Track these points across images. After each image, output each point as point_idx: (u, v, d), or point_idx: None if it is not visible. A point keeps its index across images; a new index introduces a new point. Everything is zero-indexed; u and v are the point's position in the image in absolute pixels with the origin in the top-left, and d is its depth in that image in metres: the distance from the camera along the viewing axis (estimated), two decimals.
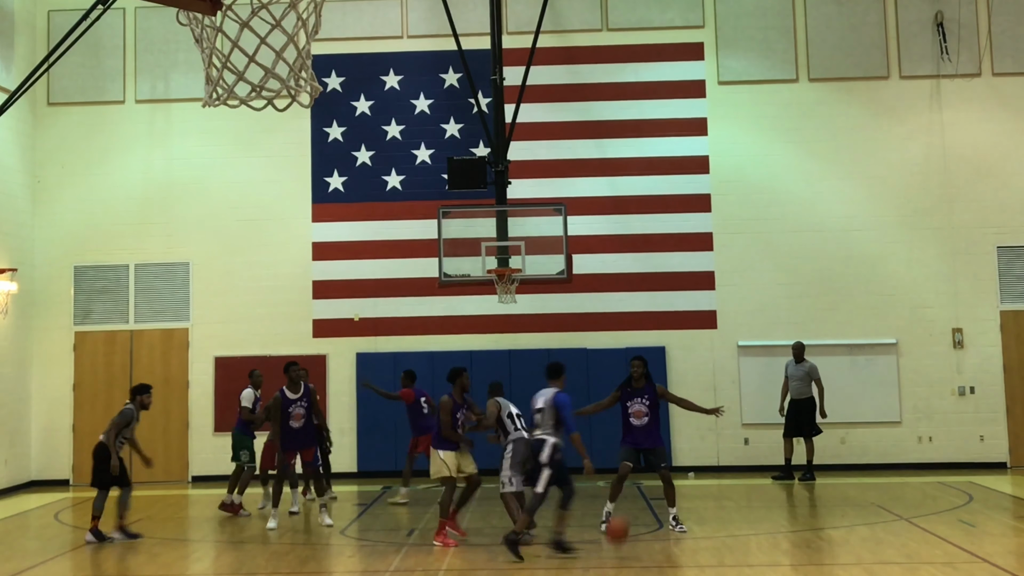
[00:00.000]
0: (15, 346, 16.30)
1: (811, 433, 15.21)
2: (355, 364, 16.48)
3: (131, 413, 11.45)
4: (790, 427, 15.28)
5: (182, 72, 17.19)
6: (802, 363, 15.36)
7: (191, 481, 16.55)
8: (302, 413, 12.09)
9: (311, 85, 7.97)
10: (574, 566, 9.59)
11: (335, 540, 11.48)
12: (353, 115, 17.20)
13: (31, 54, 16.95)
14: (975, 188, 16.69)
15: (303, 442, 12.17)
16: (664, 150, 16.95)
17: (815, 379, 15.20)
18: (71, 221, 17.08)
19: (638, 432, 11.38)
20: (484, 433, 11.20)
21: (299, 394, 12.10)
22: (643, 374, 11.45)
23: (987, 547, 9.94)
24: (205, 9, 7.79)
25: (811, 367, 15.29)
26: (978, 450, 16.22)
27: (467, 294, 16.15)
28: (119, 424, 11.37)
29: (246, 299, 16.88)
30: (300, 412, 12.06)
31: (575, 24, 17.21)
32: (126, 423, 11.40)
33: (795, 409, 15.26)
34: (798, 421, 15.20)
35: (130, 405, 11.51)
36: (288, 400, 12.02)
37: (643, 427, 11.36)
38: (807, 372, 15.26)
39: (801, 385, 15.25)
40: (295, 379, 12.14)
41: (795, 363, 15.39)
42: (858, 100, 16.97)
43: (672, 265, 16.78)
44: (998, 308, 16.52)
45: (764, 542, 10.53)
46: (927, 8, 16.94)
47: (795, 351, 15.46)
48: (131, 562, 10.33)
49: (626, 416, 11.43)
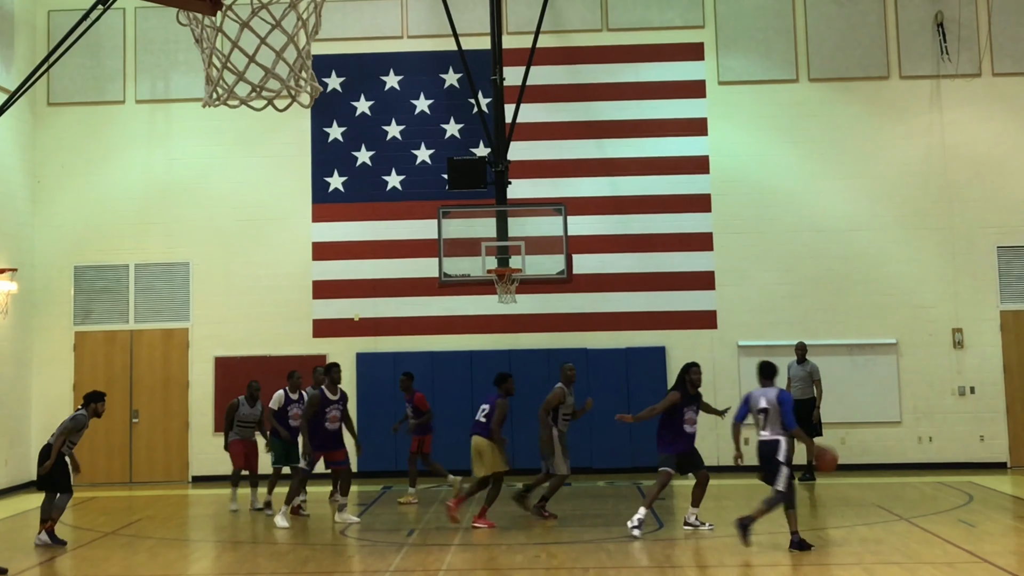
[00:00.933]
0: (15, 346, 16.30)
1: (811, 433, 15.20)
2: (355, 364, 16.48)
3: (83, 420, 11.21)
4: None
5: (182, 72, 17.19)
6: (804, 363, 15.36)
7: (191, 481, 16.55)
8: (338, 415, 12.16)
9: (311, 85, 7.97)
10: (575, 566, 9.59)
11: (335, 540, 11.49)
12: (353, 115, 17.20)
13: (31, 54, 16.95)
14: (975, 188, 16.69)
15: (335, 443, 12.22)
16: (664, 150, 16.95)
17: (815, 380, 15.20)
18: (71, 221, 17.08)
19: (688, 439, 11.30)
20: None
21: (337, 396, 12.17)
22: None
23: (987, 547, 9.94)
24: (205, 9, 7.79)
25: (812, 368, 15.28)
26: (978, 450, 16.23)
27: (467, 294, 16.16)
28: (69, 429, 11.13)
29: (246, 299, 16.88)
30: (336, 414, 12.13)
31: (575, 24, 17.22)
32: (77, 429, 11.18)
33: (798, 409, 15.24)
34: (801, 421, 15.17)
35: (83, 411, 11.26)
36: (327, 400, 12.08)
37: (693, 434, 11.34)
38: (809, 373, 15.26)
39: (803, 385, 15.26)
40: (336, 381, 12.22)
41: (797, 363, 15.40)
42: (858, 100, 16.97)
43: (672, 265, 16.78)
44: (998, 308, 16.52)
45: (764, 542, 10.52)
46: (927, 8, 16.94)
47: (797, 351, 15.46)
48: (131, 562, 10.33)
49: (680, 423, 11.22)
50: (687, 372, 11.36)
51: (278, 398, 13.19)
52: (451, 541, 10.97)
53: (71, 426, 11.15)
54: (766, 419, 10.08)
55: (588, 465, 16.27)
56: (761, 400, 10.18)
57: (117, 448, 16.62)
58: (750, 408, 10.29)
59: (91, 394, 11.43)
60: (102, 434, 16.18)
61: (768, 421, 10.07)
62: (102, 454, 16.28)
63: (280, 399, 13.18)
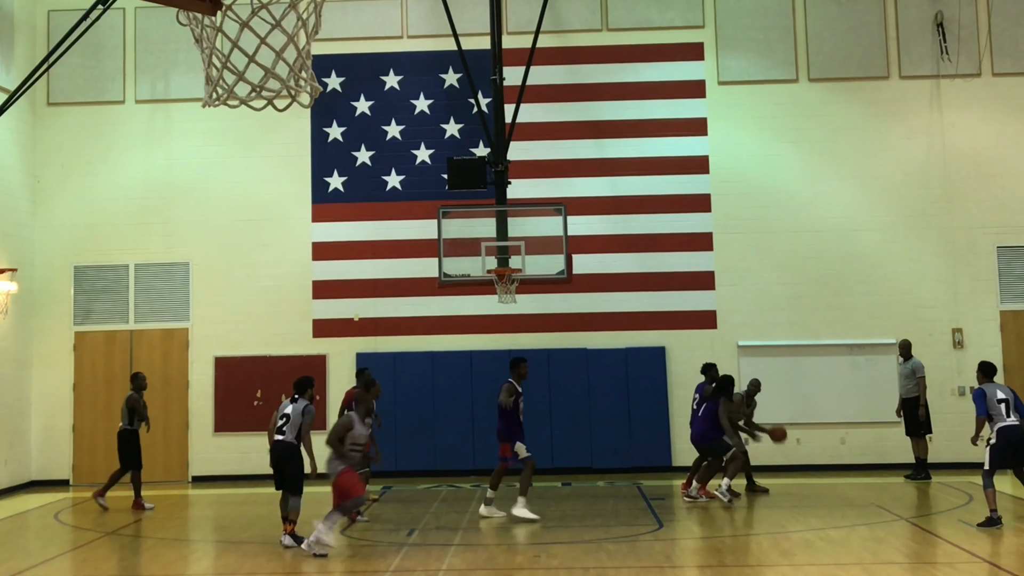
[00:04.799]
0: (15, 346, 16.30)
1: (922, 432, 15.17)
2: (355, 364, 16.47)
3: (313, 409, 11.07)
4: (906, 426, 15.34)
5: (182, 72, 17.19)
6: (908, 361, 15.38)
7: (191, 481, 16.55)
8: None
9: (311, 85, 7.98)
10: (575, 566, 9.59)
11: (335, 540, 11.48)
12: (353, 115, 17.20)
13: (31, 54, 16.95)
14: (975, 188, 16.69)
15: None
16: (664, 150, 16.95)
17: (920, 377, 15.18)
18: (71, 221, 17.08)
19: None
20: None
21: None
22: None
23: (987, 547, 9.94)
24: (205, 9, 7.79)
25: (916, 365, 15.26)
26: (978, 450, 16.13)
27: (467, 294, 16.15)
28: (308, 424, 10.94)
29: (246, 299, 16.88)
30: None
31: (575, 24, 17.22)
32: (312, 419, 11.03)
33: (905, 407, 15.29)
34: (909, 419, 15.27)
35: (308, 404, 11.07)
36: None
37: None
38: (912, 370, 15.28)
39: (907, 383, 15.31)
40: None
41: (902, 361, 15.43)
42: (858, 100, 16.97)
43: (672, 265, 16.78)
44: (998, 308, 16.52)
45: (764, 542, 10.53)
46: (927, 8, 16.94)
47: (901, 349, 15.52)
48: (131, 562, 10.33)
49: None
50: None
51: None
52: (451, 541, 10.97)
53: (308, 421, 10.91)
54: (1007, 408, 11.10)
55: (588, 465, 16.28)
56: (999, 392, 11.20)
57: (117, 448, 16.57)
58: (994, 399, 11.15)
59: (307, 379, 11.21)
60: (102, 434, 16.18)
61: (1015, 409, 11.14)
62: (102, 454, 16.25)
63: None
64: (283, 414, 10.95)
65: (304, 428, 10.86)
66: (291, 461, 10.80)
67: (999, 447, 11.03)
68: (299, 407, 10.94)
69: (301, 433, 10.85)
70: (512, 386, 12.10)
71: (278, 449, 10.84)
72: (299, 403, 11.00)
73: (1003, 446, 11.01)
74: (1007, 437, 10.98)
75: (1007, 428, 11.00)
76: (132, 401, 13.76)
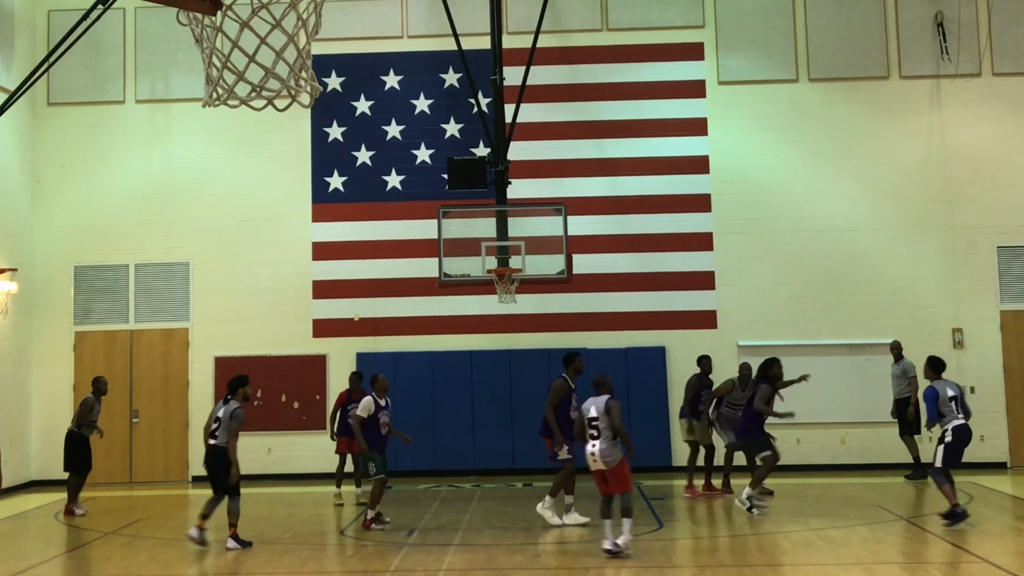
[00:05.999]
0: (15, 346, 16.30)
1: (911, 432, 15.18)
2: (355, 364, 16.46)
3: (242, 413, 10.95)
4: (899, 427, 15.38)
5: (182, 72, 17.20)
6: (899, 362, 15.41)
7: (191, 481, 16.54)
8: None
9: (311, 85, 7.98)
10: (575, 566, 9.59)
11: (335, 540, 11.49)
12: (353, 115, 17.20)
13: (31, 54, 16.96)
14: (975, 188, 16.69)
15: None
16: (664, 150, 16.95)
17: (911, 378, 15.20)
18: (71, 221, 17.08)
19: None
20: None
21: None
22: None
23: (987, 547, 9.93)
24: (205, 9, 7.80)
25: (907, 365, 15.29)
26: (978, 450, 16.17)
27: (467, 294, 16.15)
28: (235, 428, 10.85)
29: (246, 299, 16.88)
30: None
31: (575, 24, 17.22)
32: (240, 423, 10.94)
33: (898, 408, 15.31)
34: (901, 419, 15.32)
35: (236, 403, 10.96)
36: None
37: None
38: (904, 371, 15.32)
39: (900, 384, 15.35)
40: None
41: (893, 362, 15.48)
42: (858, 100, 16.97)
43: (672, 265, 16.78)
44: (998, 308, 16.52)
45: (764, 542, 10.53)
46: (927, 8, 16.94)
47: (892, 350, 15.56)
48: (131, 562, 10.33)
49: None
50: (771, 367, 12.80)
51: (367, 405, 11.99)
52: (451, 541, 10.97)
53: (235, 425, 10.77)
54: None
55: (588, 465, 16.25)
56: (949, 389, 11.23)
57: (117, 448, 16.60)
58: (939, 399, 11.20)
59: (239, 379, 11.03)
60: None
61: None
62: (102, 454, 16.23)
63: (370, 406, 11.98)
64: (215, 416, 10.85)
65: (232, 431, 10.73)
66: (224, 465, 10.71)
67: (952, 446, 11.07)
68: (229, 409, 10.81)
69: (228, 436, 10.72)
70: (564, 382, 11.79)
71: (212, 453, 10.76)
72: (230, 404, 10.85)
73: (957, 445, 11.08)
74: (960, 437, 11.07)
75: (961, 427, 11.08)
76: (85, 405, 13.51)
